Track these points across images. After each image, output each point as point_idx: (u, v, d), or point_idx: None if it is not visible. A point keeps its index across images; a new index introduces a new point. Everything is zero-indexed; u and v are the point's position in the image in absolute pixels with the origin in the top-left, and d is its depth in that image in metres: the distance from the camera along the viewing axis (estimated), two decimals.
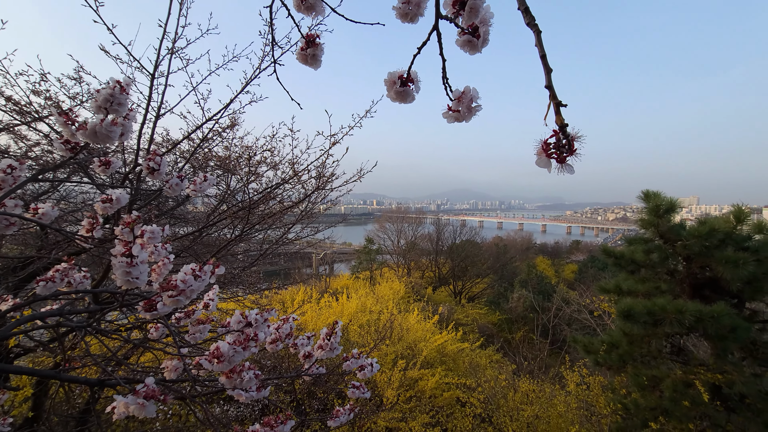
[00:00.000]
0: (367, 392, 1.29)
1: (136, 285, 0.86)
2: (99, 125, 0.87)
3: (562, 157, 0.50)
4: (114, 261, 0.84)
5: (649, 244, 4.49)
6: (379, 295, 13.58)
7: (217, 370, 0.96)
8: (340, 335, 1.20)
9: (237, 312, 1.03)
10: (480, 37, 0.64)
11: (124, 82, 0.93)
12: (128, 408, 0.88)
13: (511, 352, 11.77)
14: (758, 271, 3.80)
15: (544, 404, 5.67)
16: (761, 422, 3.73)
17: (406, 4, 0.70)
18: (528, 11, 0.47)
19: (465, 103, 0.67)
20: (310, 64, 0.87)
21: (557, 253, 38.20)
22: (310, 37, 0.85)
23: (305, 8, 0.80)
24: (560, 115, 0.47)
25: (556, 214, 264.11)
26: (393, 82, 0.72)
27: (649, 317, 3.82)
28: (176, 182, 1.18)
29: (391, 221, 30.61)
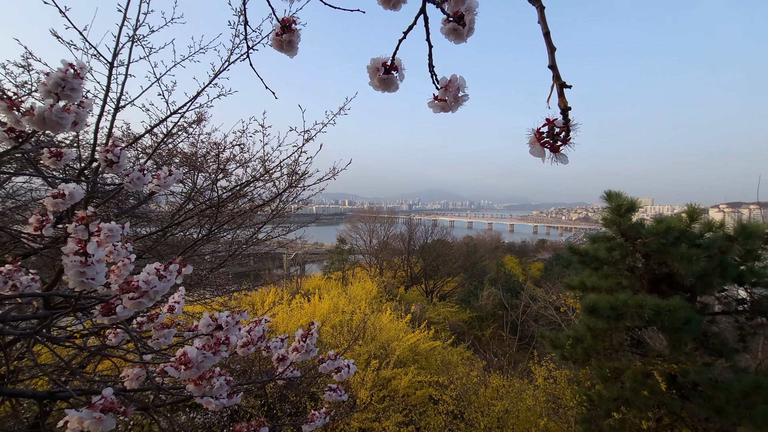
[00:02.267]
0: (344, 395, 1.26)
1: (91, 286, 0.78)
2: (48, 111, 0.78)
3: (556, 146, 0.49)
4: (66, 260, 0.76)
5: (611, 241, 4.70)
6: (352, 295, 13.52)
7: (185, 377, 0.89)
8: (316, 336, 1.16)
9: (206, 314, 0.97)
10: (465, 25, 0.63)
11: (77, 66, 0.85)
12: (83, 423, 0.79)
13: (482, 349, 12.02)
14: (709, 266, 4.05)
15: (514, 399, 5.82)
16: (711, 408, 3.98)
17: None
18: None
19: (452, 92, 0.66)
20: (286, 51, 0.84)
21: (524, 252, 39.41)
22: (286, 22, 0.81)
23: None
24: (563, 97, 0.46)
25: (523, 214, 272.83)
26: (376, 69, 0.69)
27: (612, 312, 3.99)
28: (138, 176, 1.10)
29: (364, 221, 30.53)
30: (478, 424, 5.53)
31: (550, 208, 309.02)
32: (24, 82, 2.59)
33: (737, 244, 4.15)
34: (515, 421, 5.63)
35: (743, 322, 4.50)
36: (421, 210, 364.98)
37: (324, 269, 28.29)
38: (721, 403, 3.86)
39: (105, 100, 1.96)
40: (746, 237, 4.09)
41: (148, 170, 1.12)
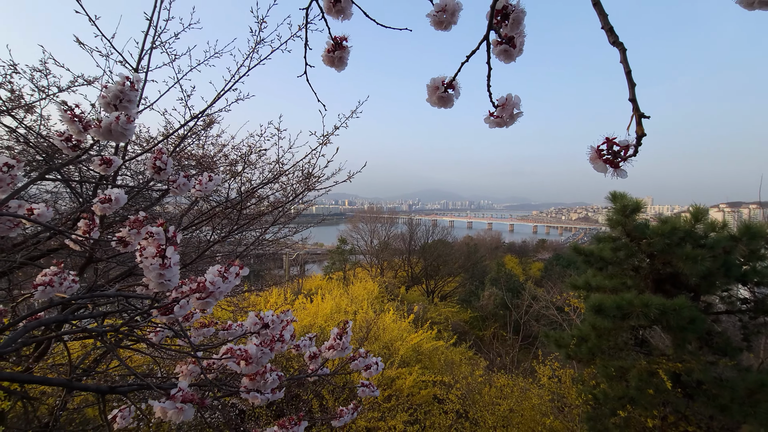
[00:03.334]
0: (376, 390, 1.30)
1: (168, 287, 0.83)
2: (115, 123, 0.83)
3: (616, 162, 0.55)
4: (146, 263, 0.81)
5: (616, 242, 4.75)
6: (354, 295, 13.56)
7: (246, 372, 0.94)
8: (350, 335, 1.21)
9: (251, 314, 1.02)
10: (515, 47, 0.68)
11: (133, 79, 0.90)
12: (166, 413, 0.85)
13: (484, 349, 12.07)
14: (713, 266, 4.11)
15: (519, 398, 5.87)
16: (716, 406, 4.04)
17: (441, 12, 0.73)
18: (612, 31, 0.50)
19: (508, 110, 0.70)
20: (336, 67, 0.88)
21: (524, 252, 39.48)
22: (338, 39, 0.85)
23: (336, 11, 0.80)
24: (641, 126, 0.51)
25: (523, 214, 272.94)
26: (436, 87, 0.74)
27: (617, 311, 4.04)
28: (183, 182, 1.14)
29: (365, 221, 30.57)
30: (484, 423, 5.58)
31: (549, 208, 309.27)
32: (43, 86, 2.63)
33: (741, 244, 4.21)
34: (520, 419, 5.68)
35: (746, 322, 4.55)
36: (421, 210, 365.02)
37: (325, 269, 28.34)
38: (726, 401, 3.91)
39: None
40: (750, 237, 4.14)
41: (191, 176, 1.16)
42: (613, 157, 0.54)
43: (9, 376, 0.88)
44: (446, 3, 0.73)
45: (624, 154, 0.54)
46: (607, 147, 0.55)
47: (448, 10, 0.73)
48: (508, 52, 0.68)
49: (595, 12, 0.50)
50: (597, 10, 0.50)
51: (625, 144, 0.53)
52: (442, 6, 0.73)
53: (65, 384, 0.89)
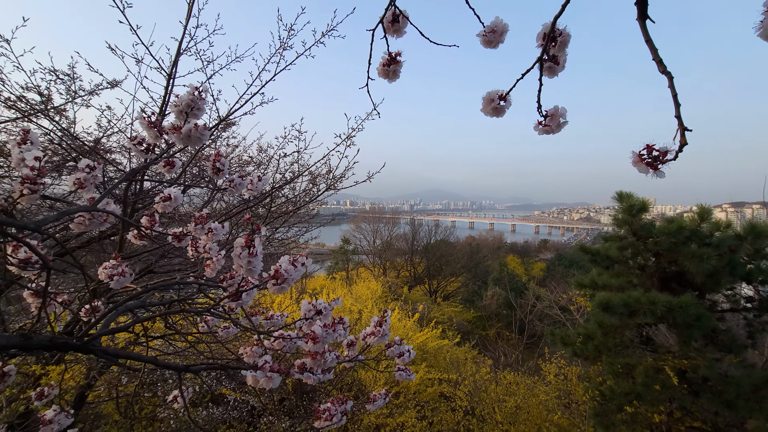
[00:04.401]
0: (412, 374, 1.40)
1: (254, 274, 0.93)
2: (194, 130, 0.92)
3: (656, 165, 0.64)
4: (237, 252, 0.90)
5: (623, 241, 4.83)
6: (357, 294, 13.67)
7: (314, 350, 1.04)
8: (389, 323, 1.30)
9: (305, 302, 1.11)
10: (559, 63, 0.77)
11: (202, 89, 0.99)
12: (257, 381, 0.96)
13: (489, 348, 12.14)
14: (718, 265, 4.19)
15: (525, 395, 5.95)
16: (721, 402, 4.11)
17: (492, 33, 0.83)
18: (662, 62, 0.59)
19: (555, 120, 0.80)
20: (390, 79, 0.97)
21: (527, 252, 39.52)
22: (394, 55, 0.94)
23: (394, 30, 0.90)
24: (684, 136, 0.61)
25: (525, 214, 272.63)
26: (491, 99, 0.84)
27: (624, 309, 4.12)
28: (239, 182, 1.24)
29: (367, 221, 30.67)
30: (491, 419, 5.66)
31: (551, 209, 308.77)
32: (72, 90, 2.73)
33: (746, 243, 4.28)
34: (527, 416, 5.76)
35: (751, 320, 4.63)
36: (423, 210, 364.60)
37: (328, 269, 28.45)
38: (731, 397, 3.99)
39: (162, 109, 2.09)
40: (755, 236, 4.22)
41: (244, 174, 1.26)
42: (653, 160, 0.64)
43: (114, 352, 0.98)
44: (497, 24, 0.82)
45: (662, 158, 0.63)
46: (647, 152, 0.65)
47: (498, 30, 0.82)
48: (553, 68, 0.78)
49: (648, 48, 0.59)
50: (649, 46, 0.59)
51: (665, 150, 0.63)
52: (492, 27, 0.82)
53: (153, 361, 0.99)
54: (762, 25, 0.54)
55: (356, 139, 3.08)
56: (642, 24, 0.60)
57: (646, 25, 0.60)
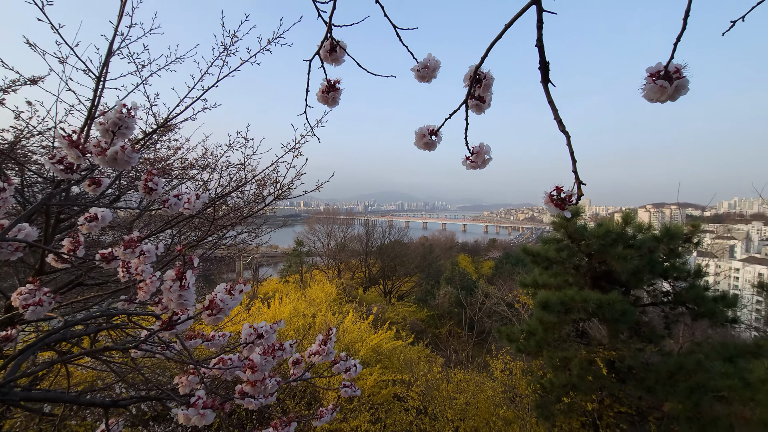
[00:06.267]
0: (357, 390, 1.41)
1: (186, 307, 0.88)
2: (121, 152, 0.86)
3: (562, 205, 0.72)
4: (167, 285, 0.85)
5: (559, 243, 5.20)
6: (311, 298, 13.48)
7: (252, 379, 1.01)
8: (334, 341, 1.30)
9: (246, 325, 1.09)
10: (485, 102, 0.83)
11: (131, 106, 0.94)
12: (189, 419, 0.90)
13: (442, 346, 12.47)
14: (640, 264, 4.64)
15: (474, 391, 6.19)
16: (643, 388, 4.56)
17: (425, 69, 0.87)
18: (561, 122, 0.66)
19: (481, 156, 0.86)
20: (330, 105, 0.98)
21: (477, 251, 41.08)
22: (333, 82, 0.95)
23: (332, 59, 0.91)
24: (580, 189, 0.69)
25: (475, 215, 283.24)
26: (423, 134, 0.88)
27: (561, 306, 4.44)
28: (174, 202, 1.18)
29: (321, 222, 30.29)
30: (442, 417, 5.83)
31: (499, 209, 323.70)
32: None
33: (663, 244, 4.79)
34: (476, 412, 6.00)
35: (668, 312, 5.18)
36: (377, 211, 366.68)
37: (281, 272, 27.73)
38: (651, 383, 4.44)
39: (89, 115, 1.93)
40: (670, 238, 4.73)
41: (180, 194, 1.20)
42: (561, 201, 0.72)
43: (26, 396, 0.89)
44: (429, 61, 0.87)
45: (568, 200, 0.72)
46: (557, 193, 0.73)
47: (430, 66, 0.87)
48: (480, 106, 0.84)
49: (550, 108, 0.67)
50: (551, 107, 0.66)
51: (570, 194, 0.72)
52: (425, 63, 0.87)
53: (74, 400, 0.91)
54: (644, 87, 0.63)
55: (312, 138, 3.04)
56: (545, 87, 0.68)
57: (548, 88, 0.67)
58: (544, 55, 0.66)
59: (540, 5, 0.62)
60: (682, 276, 5.05)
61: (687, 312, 5.04)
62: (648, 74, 0.61)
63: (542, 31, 0.63)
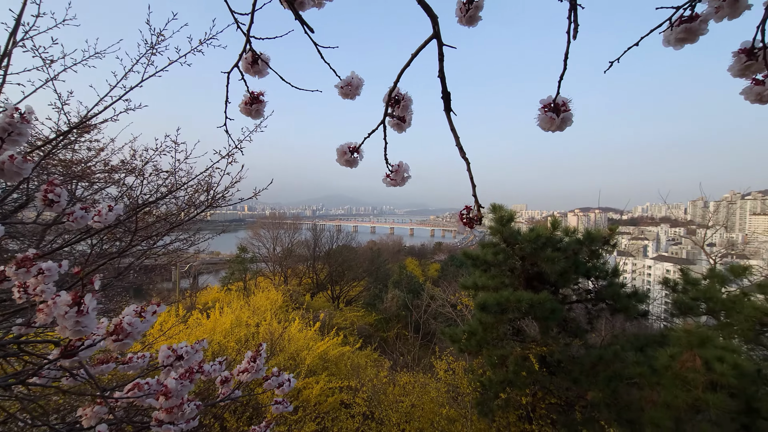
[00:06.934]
0: (289, 406, 1.38)
1: (83, 334, 0.79)
2: (9, 162, 0.77)
3: (471, 224, 0.78)
4: (59, 310, 0.77)
5: (496, 247, 5.50)
6: (256, 306, 13.00)
7: (166, 406, 0.94)
8: (264, 356, 1.26)
9: (164, 347, 1.02)
10: (405, 121, 0.87)
11: (26, 110, 0.86)
12: None
13: (388, 350, 12.59)
14: (566, 265, 5.05)
15: (420, 393, 6.33)
16: (570, 379, 4.95)
17: (348, 86, 0.89)
18: (462, 148, 0.71)
19: (400, 174, 0.89)
20: (253, 117, 0.96)
21: (423, 254, 42.07)
22: (256, 95, 0.94)
23: (255, 71, 0.90)
24: (480, 212, 0.74)
25: (422, 219, 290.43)
26: (344, 152, 0.89)
27: (497, 307, 4.69)
28: (81, 215, 1.07)
29: (266, 228, 29.33)
30: (388, 421, 5.88)
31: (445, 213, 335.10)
32: None
33: (585, 247, 5.25)
34: (421, 413, 6.13)
35: (590, 308, 5.67)
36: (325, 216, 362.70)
37: (222, 280, 26.37)
38: (577, 374, 4.83)
39: None
40: (591, 241, 5.20)
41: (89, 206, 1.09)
42: (469, 221, 0.79)
43: None
44: (352, 78, 0.89)
45: (475, 220, 0.78)
46: (466, 212, 0.79)
47: (353, 84, 0.89)
48: (400, 125, 0.88)
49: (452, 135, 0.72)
50: (453, 134, 0.72)
51: (476, 216, 0.78)
52: (348, 81, 0.89)
53: None
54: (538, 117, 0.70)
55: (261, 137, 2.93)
56: (447, 115, 0.73)
57: (450, 117, 0.73)
58: (445, 86, 0.71)
59: (440, 39, 0.67)
60: (602, 275, 5.57)
61: (606, 308, 5.56)
62: (541, 105, 0.68)
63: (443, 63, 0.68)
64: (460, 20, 0.78)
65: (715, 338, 3.84)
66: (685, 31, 0.69)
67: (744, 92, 0.71)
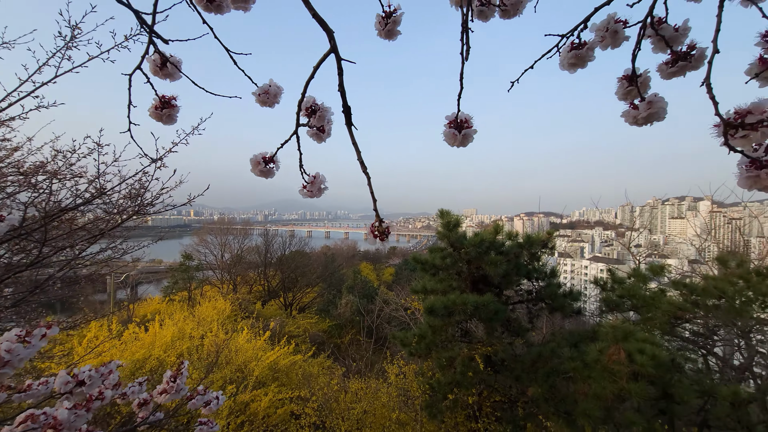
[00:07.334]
0: (215, 426, 1.31)
1: None
2: None
3: (382, 238, 0.80)
4: None
5: (444, 251, 5.66)
6: (201, 317, 12.36)
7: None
8: (186, 375, 1.19)
9: (62, 372, 0.93)
10: (324, 131, 0.87)
11: None
12: None
13: (341, 356, 12.48)
14: (508, 268, 5.31)
15: (371, 399, 6.32)
16: (513, 377, 5.19)
17: (265, 94, 0.88)
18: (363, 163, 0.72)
19: (316, 185, 0.89)
20: (165, 123, 0.91)
21: (378, 259, 42.32)
22: (167, 99, 0.89)
23: (163, 75, 0.85)
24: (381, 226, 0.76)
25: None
26: (257, 162, 0.87)
27: (444, 310, 4.83)
28: None
29: (214, 233, 27.96)
30: (339, 430, 5.82)
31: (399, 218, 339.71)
32: None
33: (525, 250, 5.56)
34: (372, 419, 6.12)
35: (531, 308, 6.00)
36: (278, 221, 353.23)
37: (165, 290, 24.70)
38: (518, 372, 5.08)
39: None
40: (530, 244, 5.51)
41: None
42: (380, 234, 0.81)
43: None
44: (270, 86, 0.88)
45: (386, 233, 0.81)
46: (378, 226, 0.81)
47: (271, 93, 0.88)
48: (319, 135, 0.88)
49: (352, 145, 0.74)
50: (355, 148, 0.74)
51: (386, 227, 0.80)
52: (265, 89, 0.88)
53: None
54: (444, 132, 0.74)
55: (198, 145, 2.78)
56: (349, 130, 0.75)
57: (351, 131, 0.75)
58: (345, 100, 0.73)
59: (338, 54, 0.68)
60: (542, 276, 5.92)
61: (546, 307, 5.91)
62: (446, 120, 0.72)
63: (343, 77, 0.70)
64: (379, 33, 0.80)
65: (636, 332, 4.21)
66: (574, 57, 0.76)
67: (623, 115, 0.79)
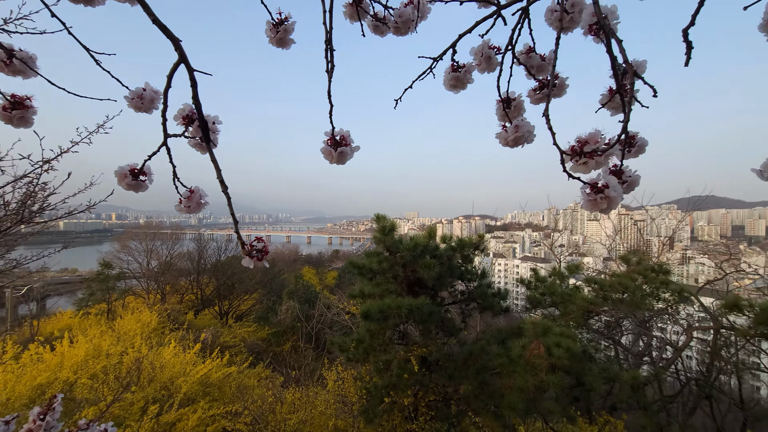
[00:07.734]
0: None
1: None
2: None
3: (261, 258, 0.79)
4: None
5: (380, 255, 5.72)
6: (122, 331, 11.29)
7: None
8: (60, 410, 1.05)
9: None
10: (210, 141, 0.84)
11: None
12: None
13: (280, 365, 12.09)
14: (442, 270, 5.51)
15: (308, 407, 6.18)
16: (446, 376, 5.38)
17: (139, 99, 0.82)
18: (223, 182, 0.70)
19: (194, 200, 0.84)
20: (15, 125, 0.80)
21: (321, 263, 41.73)
22: (19, 99, 0.78)
23: (10, 71, 0.75)
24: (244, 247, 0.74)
25: (319, 227, 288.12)
26: (124, 175, 0.81)
27: (380, 314, 4.87)
28: None
29: (139, 239, 25.66)
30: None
31: (342, 221, 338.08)
32: None
33: (458, 253, 5.80)
34: (310, 428, 5.99)
35: (464, 308, 6.28)
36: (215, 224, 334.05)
37: (78, 303, 22.13)
38: (452, 371, 5.27)
39: None
40: (462, 247, 5.77)
41: None
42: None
43: None
44: (144, 90, 0.83)
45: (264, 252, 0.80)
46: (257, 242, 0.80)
47: (146, 98, 0.83)
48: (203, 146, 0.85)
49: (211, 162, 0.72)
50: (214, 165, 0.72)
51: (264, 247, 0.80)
52: (138, 93, 0.82)
53: None
54: (322, 149, 0.75)
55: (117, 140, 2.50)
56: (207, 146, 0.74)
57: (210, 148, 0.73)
58: (201, 113, 0.71)
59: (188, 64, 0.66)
60: (473, 277, 6.22)
61: (477, 306, 6.22)
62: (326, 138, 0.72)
63: (197, 89, 0.68)
64: (270, 41, 0.78)
65: (554, 327, 4.58)
66: (454, 79, 0.80)
67: (497, 136, 0.86)
